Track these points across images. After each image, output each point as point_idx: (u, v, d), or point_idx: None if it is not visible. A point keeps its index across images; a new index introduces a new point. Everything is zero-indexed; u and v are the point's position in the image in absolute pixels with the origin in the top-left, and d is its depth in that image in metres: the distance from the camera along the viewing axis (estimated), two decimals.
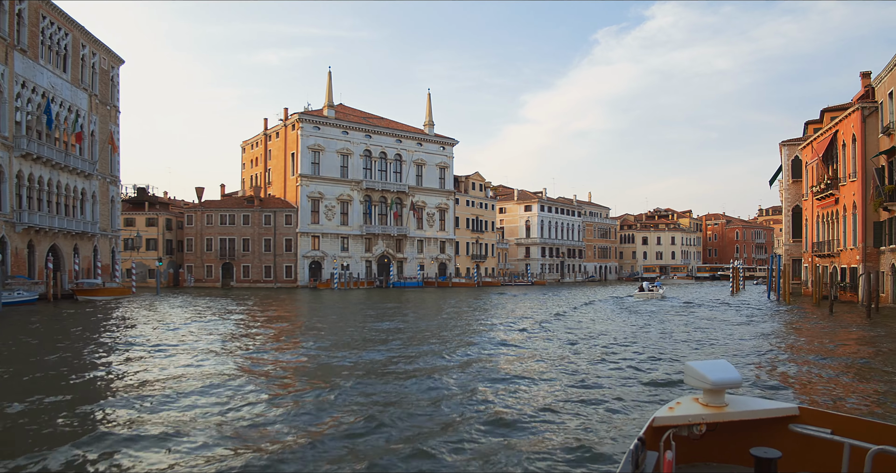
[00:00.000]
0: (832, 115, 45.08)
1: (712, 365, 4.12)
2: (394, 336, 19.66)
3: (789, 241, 45.23)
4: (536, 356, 15.31)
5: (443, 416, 9.17)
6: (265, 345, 17.50)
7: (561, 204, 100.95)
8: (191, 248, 67.53)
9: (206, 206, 67.79)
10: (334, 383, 11.56)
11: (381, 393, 10.80)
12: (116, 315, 28.08)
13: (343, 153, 69.76)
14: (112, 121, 49.07)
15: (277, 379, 12.26)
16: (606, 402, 10.03)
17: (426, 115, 78.35)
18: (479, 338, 19.12)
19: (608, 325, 23.81)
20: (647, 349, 16.55)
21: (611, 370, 13.26)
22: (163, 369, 13.26)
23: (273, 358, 14.99)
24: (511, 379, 12.17)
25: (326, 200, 68.17)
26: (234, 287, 65.97)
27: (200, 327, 22.40)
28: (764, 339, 18.83)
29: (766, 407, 4.14)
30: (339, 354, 15.62)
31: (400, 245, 73.70)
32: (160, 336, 19.60)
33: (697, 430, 4.09)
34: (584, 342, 18.30)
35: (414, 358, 14.65)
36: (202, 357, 15.01)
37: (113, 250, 49.11)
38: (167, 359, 14.61)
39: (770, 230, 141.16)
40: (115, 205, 49.70)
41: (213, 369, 13.22)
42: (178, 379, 11.97)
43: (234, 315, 28.10)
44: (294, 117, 67.77)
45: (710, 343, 18.09)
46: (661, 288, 46.96)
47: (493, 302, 40.19)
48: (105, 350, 16.50)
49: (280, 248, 67.15)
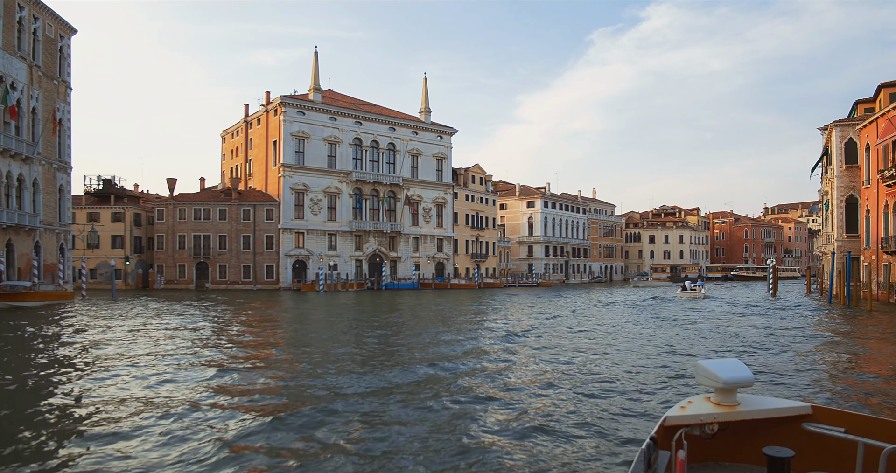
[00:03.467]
0: (891, 92, 39.19)
1: (724, 364, 4.03)
2: (382, 365, 13.37)
3: (842, 237, 39.13)
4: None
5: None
6: (201, 384, 11.16)
7: (565, 200, 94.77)
8: (161, 246, 60.93)
9: (178, 200, 61.18)
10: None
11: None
12: (32, 329, 21.58)
13: (330, 141, 63.25)
14: (61, 99, 42.44)
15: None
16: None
17: (422, 102, 71.94)
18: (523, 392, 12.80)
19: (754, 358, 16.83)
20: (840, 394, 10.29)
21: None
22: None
23: (213, 401, 8.65)
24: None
25: (312, 193, 61.65)
26: (210, 289, 59.40)
27: (126, 350, 15.99)
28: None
29: (779, 406, 4.06)
30: (311, 391, 9.29)
31: (393, 243, 67.28)
32: (63, 361, 13.21)
33: (709, 429, 4.01)
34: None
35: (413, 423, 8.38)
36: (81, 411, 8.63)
37: (61, 247, 42.48)
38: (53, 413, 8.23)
39: (779, 228, 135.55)
40: (64, 196, 43.06)
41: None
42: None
43: (186, 330, 21.66)
44: (276, 101, 61.26)
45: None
46: (703, 287, 46.40)
47: (505, 307, 33.88)
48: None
49: (260, 246, 60.61)
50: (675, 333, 19.83)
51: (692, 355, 14.66)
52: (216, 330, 20.80)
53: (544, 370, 12.77)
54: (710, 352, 15.38)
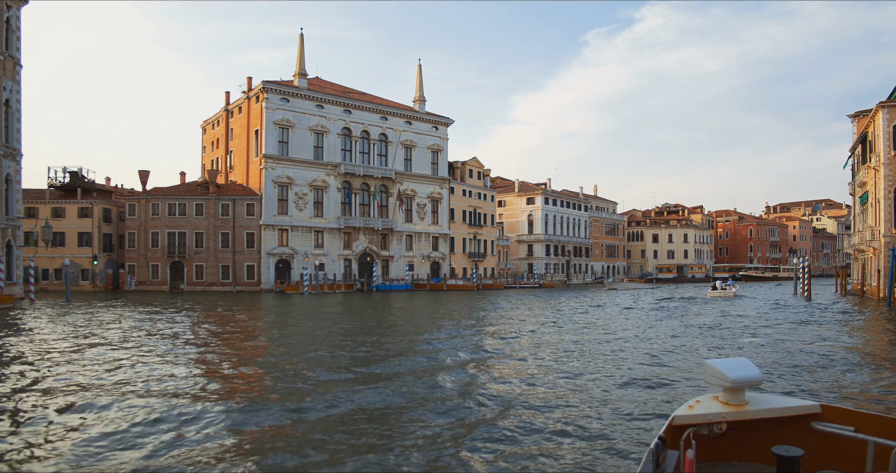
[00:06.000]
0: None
1: (732, 363, 3.99)
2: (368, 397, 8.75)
3: (891, 231, 34.74)
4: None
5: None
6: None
7: (567, 197, 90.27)
8: (133, 244, 55.99)
9: (151, 194, 56.27)
10: None
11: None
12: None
13: (317, 131, 58.45)
14: (8, 77, 37.54)
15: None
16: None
17: (416, 90, 67.21)
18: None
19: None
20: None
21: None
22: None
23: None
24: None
25: (297, 186, 56.85)
26: (185, 291, 54.56)
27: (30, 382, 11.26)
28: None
29: (788, 405, 4.04)
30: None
31: (385, 241, 62.55)
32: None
33: (718, 429, 3.99)
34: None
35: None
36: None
37: (8, 244, 37.57)
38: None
39: (784, 227, 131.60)
40: (12, 186, 38.09)
41: None
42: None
43: (138, 347, 16.92)
44: (258, 87, 56.42)
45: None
46: (733, 286, 46.13)
47: (515, 314, 29.24)
48: None
49: (240, 244, 55.76)
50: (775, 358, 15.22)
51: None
52: (161, 353, 16.04)
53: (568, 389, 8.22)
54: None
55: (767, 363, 13.07)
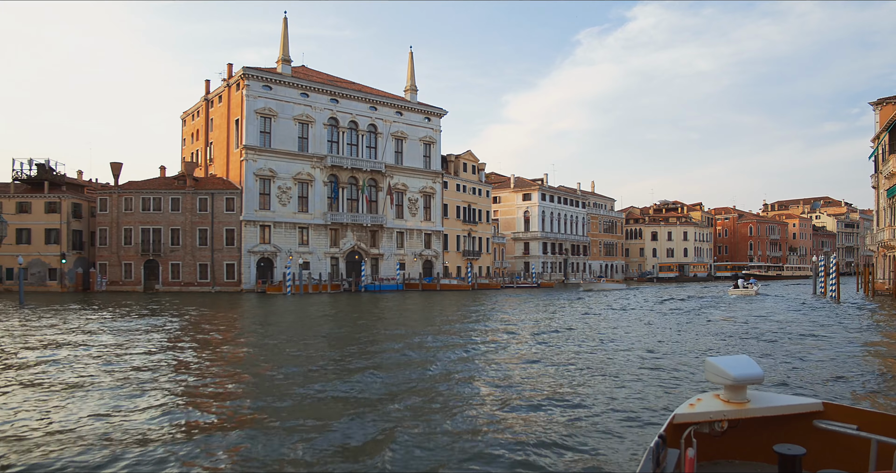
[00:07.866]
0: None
1: (733, 361, 3.88)
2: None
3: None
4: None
5: None
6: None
7: (564, 193, 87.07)
8: (104, 242, 52.20)
9: (123, 188, 52.49)
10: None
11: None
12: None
13: (302, 120, 54.84)
14: None
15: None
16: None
17: (408, 79, 63.71)
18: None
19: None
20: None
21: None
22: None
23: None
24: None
25: (280, 180, 53.22)
26: (160, 291, 50.87)
27: None
28: None
29: (790, 403, 3.93)
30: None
31: (374, 238, 59.03)
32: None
33: (719, 427, 3.89)
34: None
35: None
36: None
37: None
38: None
39: (783, 225, 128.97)
40: None
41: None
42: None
43: (85, 359, 13.43)
44: (238, 73, 52.77)
45: None
46: (755, 285, 46.00)
47: (522, 320, 25.89)
48: None
49: (219, 242, 52.09)
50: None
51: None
52: (96, 370, 12.54)
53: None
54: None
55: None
